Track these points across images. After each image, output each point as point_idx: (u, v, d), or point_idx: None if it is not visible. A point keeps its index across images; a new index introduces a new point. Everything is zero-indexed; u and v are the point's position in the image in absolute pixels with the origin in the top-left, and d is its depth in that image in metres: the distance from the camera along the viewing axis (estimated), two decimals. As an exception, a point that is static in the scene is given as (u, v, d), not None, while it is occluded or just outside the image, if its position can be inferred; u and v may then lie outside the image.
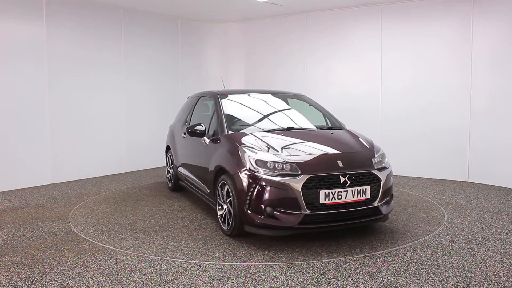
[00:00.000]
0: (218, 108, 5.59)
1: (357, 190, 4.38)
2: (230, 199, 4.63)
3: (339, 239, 4.63)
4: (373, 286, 3.52)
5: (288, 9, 8.97)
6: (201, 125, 5.53)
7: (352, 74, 8.75)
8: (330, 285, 3.56)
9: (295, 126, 5.43)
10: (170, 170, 7.13)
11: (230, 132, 5.13)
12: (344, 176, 4.36)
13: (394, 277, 3.68)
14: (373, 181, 4.51)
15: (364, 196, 4.42)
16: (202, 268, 3.90)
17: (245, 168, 4.46)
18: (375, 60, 8.45)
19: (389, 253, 4.26)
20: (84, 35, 8.03)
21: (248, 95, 6.15)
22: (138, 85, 9.03)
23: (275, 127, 5.37)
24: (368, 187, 4.44)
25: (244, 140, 4.85)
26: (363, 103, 8.59)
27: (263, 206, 4.29)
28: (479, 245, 4.47)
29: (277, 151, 4.56)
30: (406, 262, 4.02)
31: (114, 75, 8.59)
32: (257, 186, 4.31)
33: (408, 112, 8.16)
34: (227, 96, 5.86)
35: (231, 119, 5.44)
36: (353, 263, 4.00)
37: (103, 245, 4.57)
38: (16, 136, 7.16)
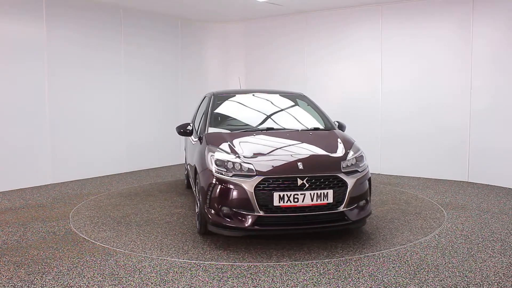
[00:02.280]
0: (207, 107, 5.64)
1: (317, 193, 4.21)
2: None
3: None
4: (373, 286, 3.52)
5: (288, 9, 8.97)
6: (190, 125, 5.64)
7: (352, 74, 8.75)
8: (330, 285, 3.56)
9: (276, 127, 5.29)
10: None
11: (209, 132, 5.16)
12: (302, 178, 4.22)
13: (394, 277, 3.68)
14: (338, 185, 4.31)
15: (325, 200, 4.24)
16: (202, 268, 3.90)
17: (207, 168, 4.50)
18: (375, 60, 8.45)
19: (389, 253, 4.26)
20: (84, 35, 8.03)
21: (253, 94, 6.12)
22: (138, 85, 9.03)
23: (258, 127, 5.32)
24: (330, 191, 4.25)
25: (214, 140, 4.85)
26: (363, 103, 8.59)
27: (219, 206, 4.30)
28: (479, 245, 4.47)
29: (238, 152, 4.51)
30: (406, 262, 4.02)
31: (114, 75, 8.58)
32: (214, 186, 4.33)
33: (408, 112, 8.16)
34: (222, 96, 5.86)
35: (217, 119, 5.46)
36: (353, 263, 3.99)
37: (84, 236, 4.74)
38: (16, 136, 7.15)
